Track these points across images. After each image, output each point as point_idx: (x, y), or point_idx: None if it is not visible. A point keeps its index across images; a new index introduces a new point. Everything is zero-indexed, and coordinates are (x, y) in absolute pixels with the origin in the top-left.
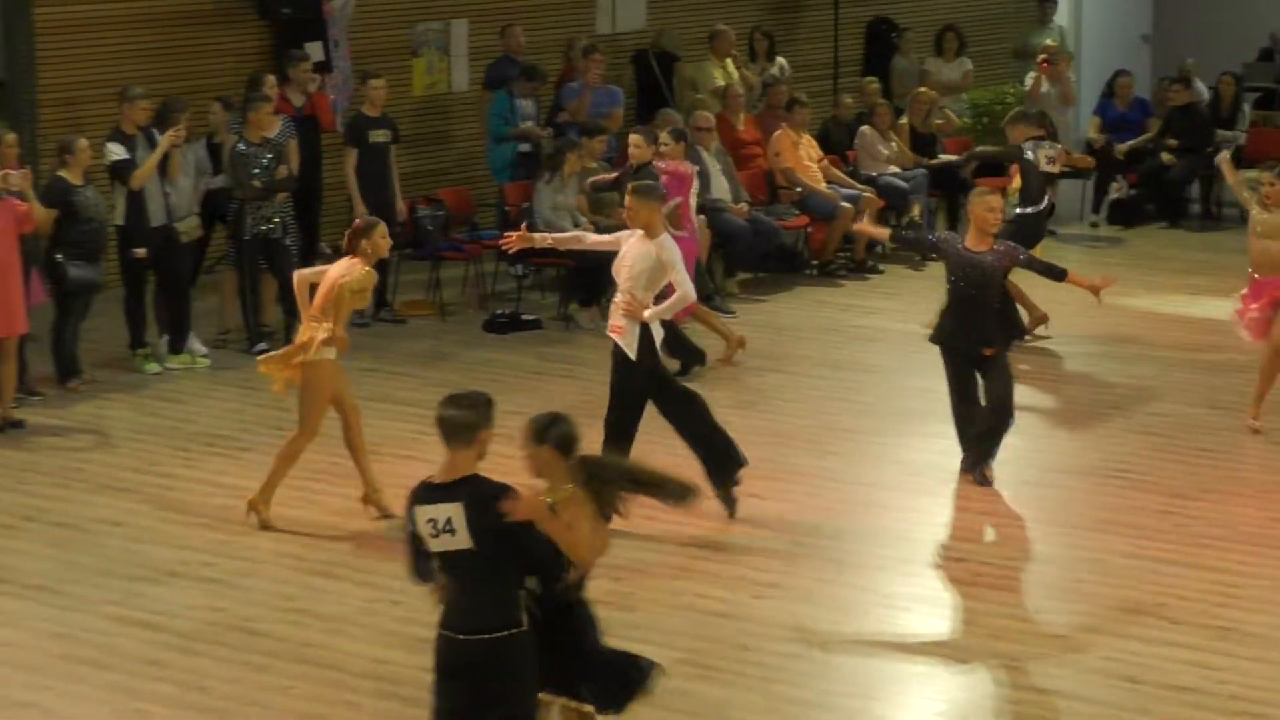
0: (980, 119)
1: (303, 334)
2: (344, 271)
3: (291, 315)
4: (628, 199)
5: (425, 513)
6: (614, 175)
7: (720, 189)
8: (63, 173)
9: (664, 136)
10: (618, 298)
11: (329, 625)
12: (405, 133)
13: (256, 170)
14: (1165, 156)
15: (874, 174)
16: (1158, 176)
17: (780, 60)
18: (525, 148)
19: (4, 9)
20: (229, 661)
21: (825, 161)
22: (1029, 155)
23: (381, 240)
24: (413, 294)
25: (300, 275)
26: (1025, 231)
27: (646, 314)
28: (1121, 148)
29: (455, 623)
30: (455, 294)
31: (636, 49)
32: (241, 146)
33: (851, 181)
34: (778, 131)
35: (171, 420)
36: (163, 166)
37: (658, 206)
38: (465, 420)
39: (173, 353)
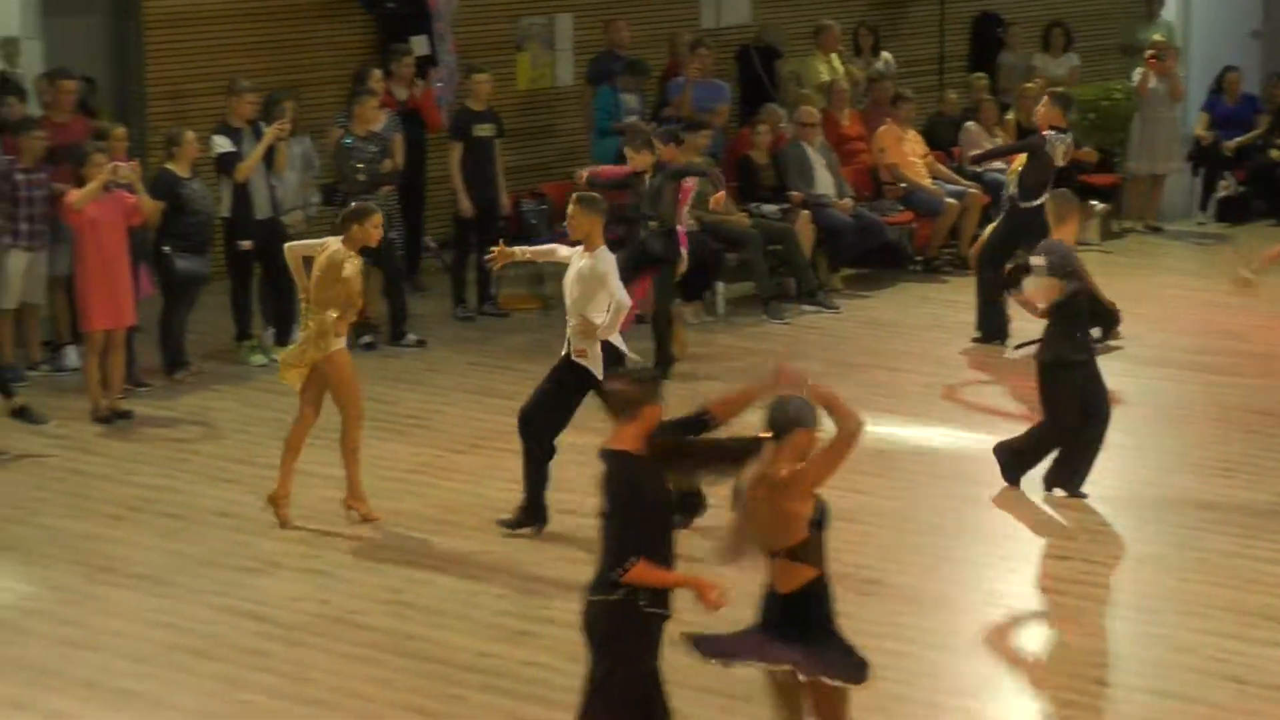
0: (1086, 115)
1: (313, 325)
2: (332, 256)
3: (397, 308)
4: (570, 208)
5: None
6: (619, 174)
7: (824, 184)
8: (170, 165)
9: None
10: (571, 323)
11: (432, 618)
12: (509, 127)
13: (361, 164)
14: (1274, 153)
15: (979, 170)
16: (1266, 173)
17: (885, 55)
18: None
19: (114, 2)
20: (332, 653)
21: (930, 157)
22: (1048, 148)
23: (373, 230)
24: (516, 288)
25: (291, 248)
26: (1018, 225)
27: (597, 333)
28: (1230, 144)
29: (591, 580)
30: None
31: (741, 44)
32: (347, 140)
33: (956, 177)
34: (882, 127)
35: (277, 411)
36: (269, 159)
37: (598, 219)
38: (630, 396)
39: (278, 344)
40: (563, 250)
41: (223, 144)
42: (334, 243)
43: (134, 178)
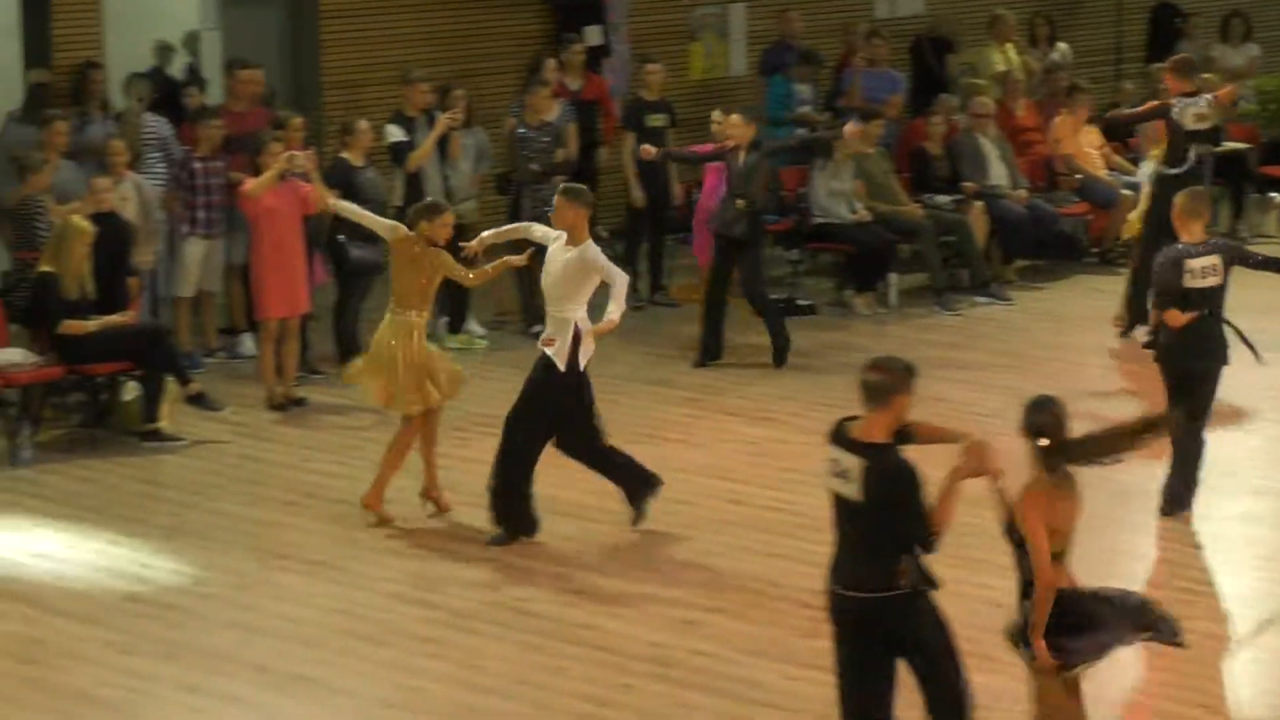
0: (1267, 105)
1: (401, 335)
2: (432, 255)
3: None
4: (556, 199)
5: (832, 451)
6: (707, 150)
7: (998, 175)
8: (345, 154)
9: (725, 118)
10: (550, 314)
11: (602, 606)
12: (682, 117)
13: (533, 154)
14: None
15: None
16: None
17: (1061, 46)
18: (802, 132)
19: None
20: (503, 641)
21: (1106, 148)
22: (1175, 114)
23: (441, 229)
24: (687, 278)
25: (362, 217)
26: (1165, 194)
27: (607, 326)
28: None
29: (840, 577)
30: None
31: (914, 34)
32: (520, 130)
33: (1132, 168)
34: (1058, 118)
35: (451, 400)
36: (443, 149)
37: (585, 211)
38: (881, 384)
39: (451, 333)
40: (538, 230)
41: (395, 133)
42: (403, 235)
43: (310, 167)
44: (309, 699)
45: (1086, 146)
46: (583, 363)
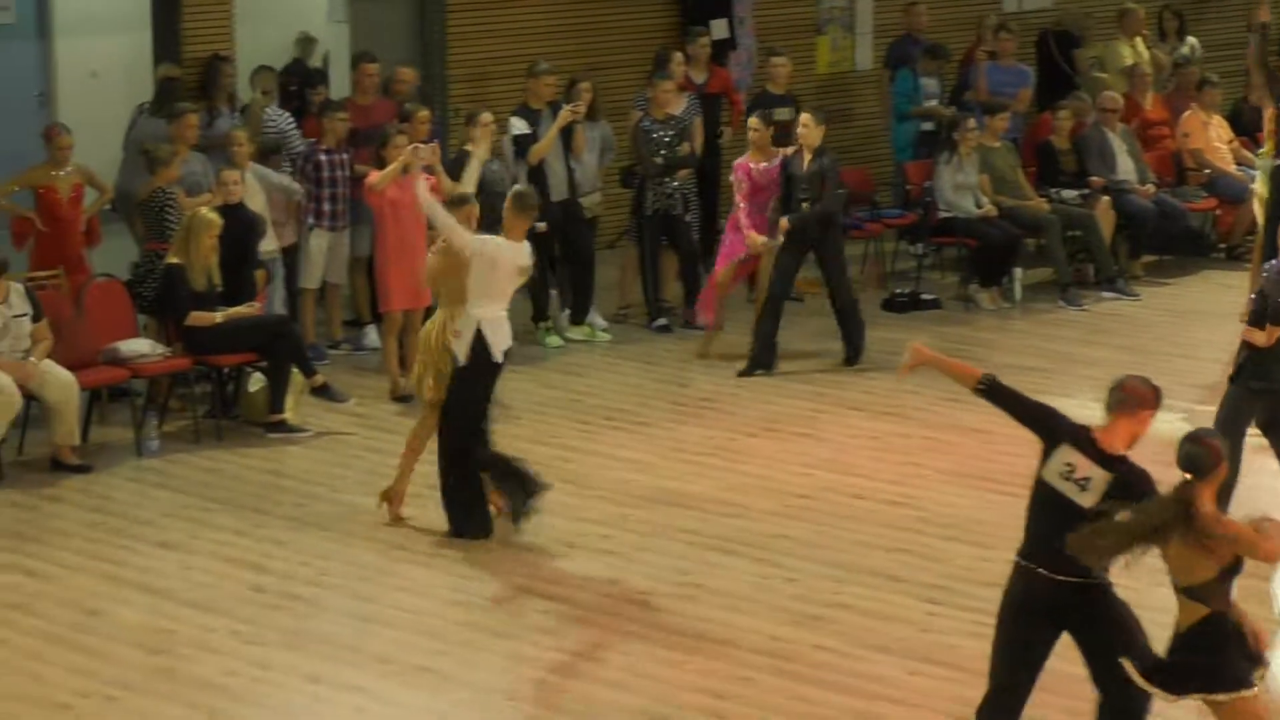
0: None
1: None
2: (443, 247)
3: (691, 291)
4: (506, 204)
5: (1071, 455)
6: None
7: (1126, 170)
8: (469, 146)
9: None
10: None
11: (722, 600)
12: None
13: (658, 148)
14: None
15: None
16: None
17: (1191, 40)
18: (928, 126)
19: None
20: (624, 634)
21: (1235, 143)
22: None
23: (462, 223)
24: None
25: (429, 202)
26: (1275, 186)
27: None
28: None
29: (1046, 560)
30: (855, 272)
31: (1041, 28)
32: (645, 124)
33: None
34: (1187, 112)
35: (571, 393)
36: (568, 142)
37: (524, 217)
38: (1127, 398)
39: (574, 324)
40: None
41: (519, 126)
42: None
43: (434, 159)
44: (430, 690)
45: (1215, 141)
46: (496, 354)
